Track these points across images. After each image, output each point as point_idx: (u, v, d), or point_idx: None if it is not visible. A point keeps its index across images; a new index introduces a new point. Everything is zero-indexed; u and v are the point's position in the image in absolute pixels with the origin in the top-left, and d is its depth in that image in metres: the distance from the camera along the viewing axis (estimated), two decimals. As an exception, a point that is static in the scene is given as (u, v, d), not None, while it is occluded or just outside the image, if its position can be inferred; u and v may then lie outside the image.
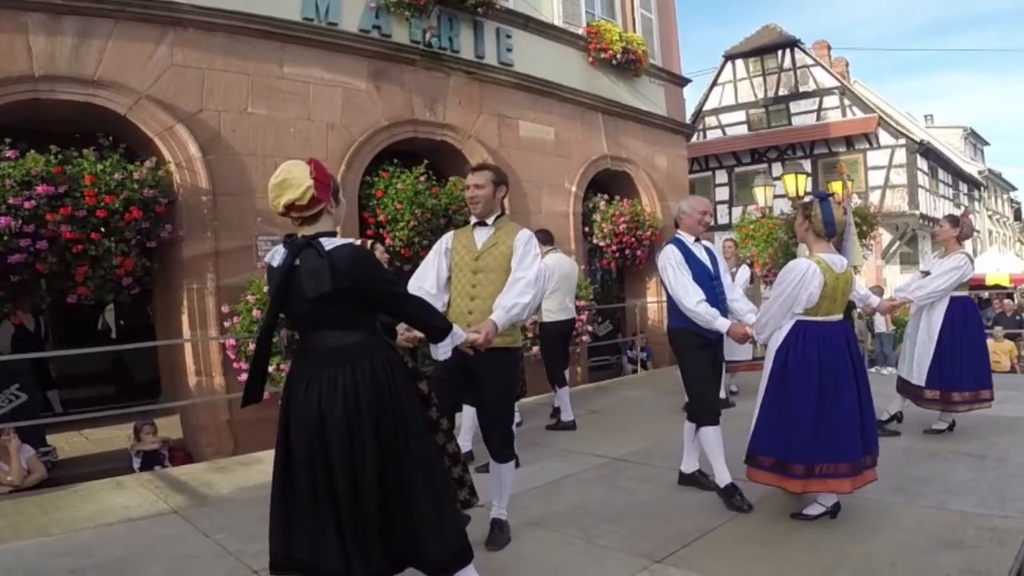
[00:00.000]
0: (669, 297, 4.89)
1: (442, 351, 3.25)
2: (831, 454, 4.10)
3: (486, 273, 4.03)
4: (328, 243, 2.86)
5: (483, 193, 4.08)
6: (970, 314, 6.32)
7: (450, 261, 4.20)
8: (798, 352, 4.23)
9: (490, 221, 4.14)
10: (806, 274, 4.18)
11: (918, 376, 6.24)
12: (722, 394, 7.61)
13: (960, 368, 6.07)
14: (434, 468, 3.04)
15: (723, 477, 4.70)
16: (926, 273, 6.53)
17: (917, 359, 6.29)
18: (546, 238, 7.49)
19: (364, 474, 2.82)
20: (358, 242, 3.34)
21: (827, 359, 4.19)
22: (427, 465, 2.99)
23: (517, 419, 6.19)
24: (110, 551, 4.32)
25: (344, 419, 2.80)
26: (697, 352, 4.81)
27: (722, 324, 4.62)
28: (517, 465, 4.53)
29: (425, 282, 4.17)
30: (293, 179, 2.86)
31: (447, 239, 4.27)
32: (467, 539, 3.10)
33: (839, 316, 4.36)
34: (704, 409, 4.79)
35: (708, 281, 4.78)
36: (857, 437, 4.15)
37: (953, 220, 6.48)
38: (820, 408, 4.13)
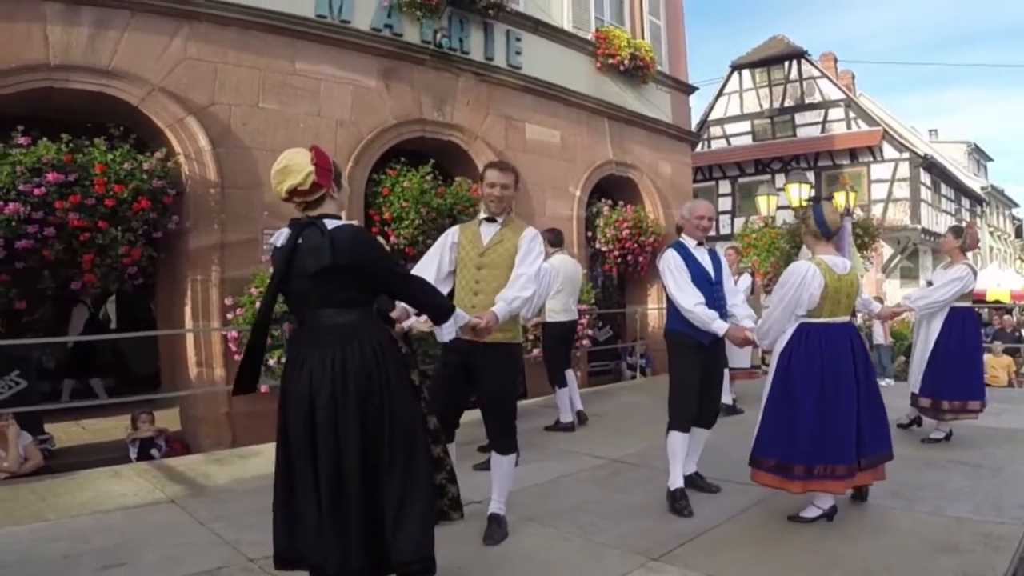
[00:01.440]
0: (669, 300, 4.91)
1: (446, 332, 3.27)
2: (828, 456, 4.13)
3: (490, 269, 4.08)
4: (331, 223, 2.94)
5: (508, 193, 4.15)
6: (968, 325, 6.38)
7: (455, 255, 4.23)
8: (801, 354, 4.27)
9: (500, 218, 4.19)
10: (806, 275, 4.24)
11: (913, 382, 6.38)
12: (728, 400, 7.67)
13: (951, 377, 6.15)
14: (416, 459, 3.01)
15: (675, 481, 4.77)
16: (929, 283, 6.59)
17: (914, 366, 6.42)
18: (556, 239, 7.49)
19: (347, 459, 2.83)
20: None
21: (830, 361, 4.21)
22: (410, 455, 2.97)
23: None
24: (105, 537, 4.32)
25: (331, 402, 2.84)
26: (688, 355, 4.81)
27: (719, 327, 4.62)
28: (516, 463, 4.53)
29: (425, 274, 4.10)
30: (295, 165, 2.93)
31: (454, 232, 4.30)
32: (433, 548, 3.06)
33: (844, 318, 4.39)
34: (678, 413, 4.81)
35: (708, 285, 4.79)
36: (853, 440, 4.18)
37: (957, 231, 6.56)
38: (821, 410, 4.16)
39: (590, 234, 12.06)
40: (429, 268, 4.21)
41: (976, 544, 3.92)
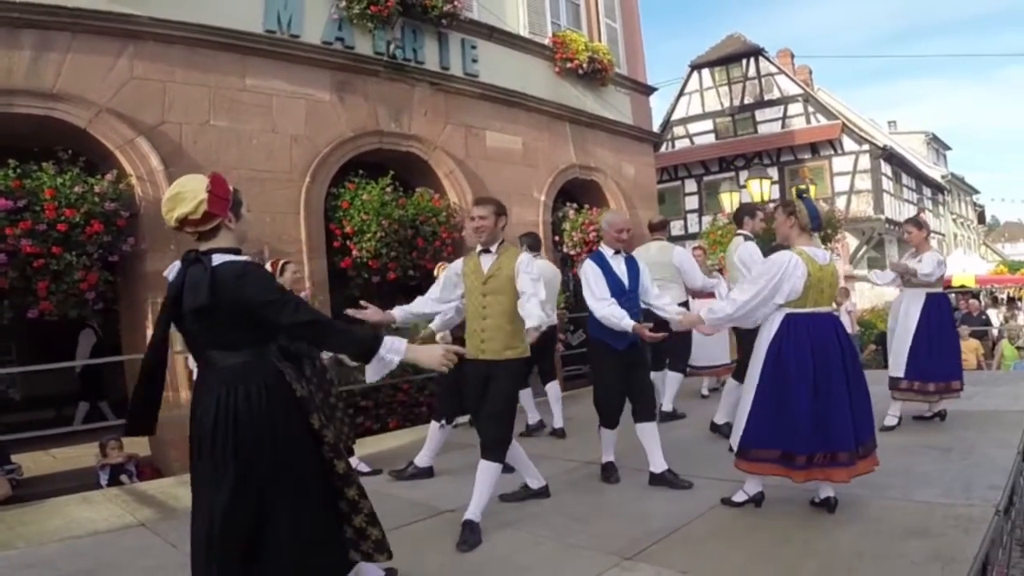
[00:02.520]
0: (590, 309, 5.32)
1: (371, 372, 2.85)
2: (828, 443, 4.14)
3: (494, 295, 4.50)
4: (218, 259, 2.73)
5: (487, 224, 4.56)
6: (944, 310, 6.58)
7: (461, 283, 4.71)
8: (790, 344, 4.27)
9: (493, 248, 4.60)
10: (787, 265, 4.25)
11: (895, 367, 6.45)
12: (668, 407, 7.61)
13: (934, 360, 6.28)
14: (304, 509, 2.81)
15: (608, 457, 5.52)
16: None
17: (895, 352, 6.51)
18: (534, 243, 7.39)
19: (218, 506, 2.66)
20: (255, 259, 3.06)
21: (819, 350, 4.23)
22: (297, 505, 2.78)
23: None
24: (76, 563, 4.29)
25: (211, 444, 2.68)
26: (608, 360, 5.26)
27: (627, 324, 4.96)
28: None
29: (431, 293, 4.81)
30: (187, 192, 2.74)
31: (459, 264, 4.80)
32: None
33: (828, 308, 4.43)
34: (604, 413, 5.38)
35: (621, 293, 5.17)
36: (850, 426, 4.19)
37: (917, 223, 6.77)
38: (815, 398, 4.18)
39: (557, 238, 12.06)
40: (436, 288, 4.83)
41: (947, 527, 3.91)
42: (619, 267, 5.29)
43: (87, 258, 6.47)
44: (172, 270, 2.86)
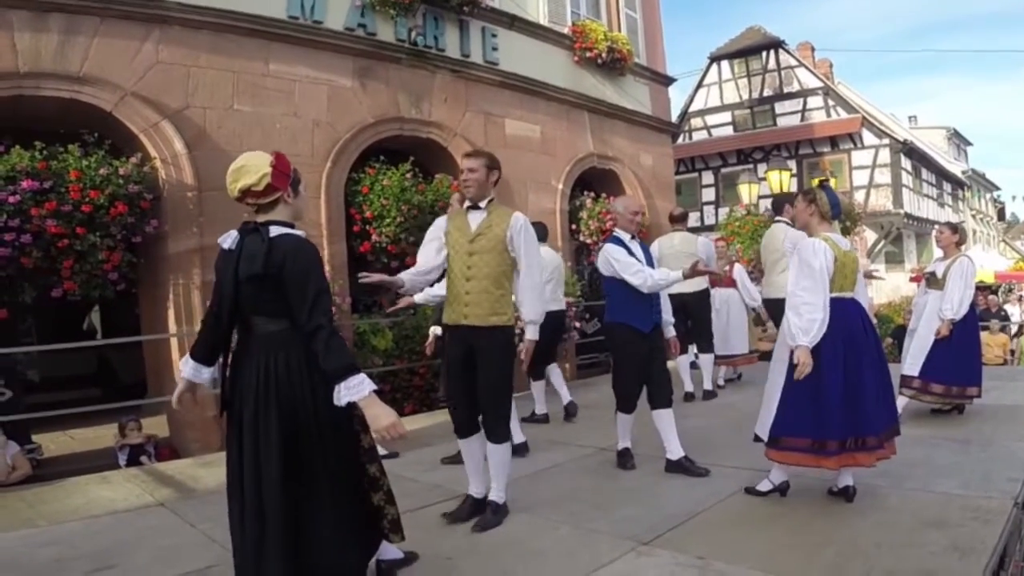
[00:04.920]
0: (609, 293, 5.35)
1: (337, 396, 2.77)
2: (859, 428, 4.15)
3: (480, 255, 4.19)
4: (275, 230, 2.89)
5: (476, 176, 4.25)
6: (968, 313, 6.48)
7: (444, 244, 4.35)
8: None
9: (483, 205, 4.30)
10: (818, 248, 4.25)
11: (911, 366, 6.44)
12: (708, 385, 7.84)
13: (952, 364, 6.27)
14: (340, 474, 2.95)
15: (624, 443, 5.49)
16: (932, 274, 6.65)
17: (912, 351, 6.51)
18: (541, 233, 7.47)
19: (268, 467, 2.78)
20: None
21: (847, 335, 4.24)
22: (334, 469, 2.92)
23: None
24: (96, 541, 4.32)
25: (254, 408, 2.81)
26: (632, 344, 5.19)
27: (676, 276, 5.11)
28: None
29: (425, 258, 4.36)
30: (251, 165, 2.90)
31: (442, 221, 4.45)
32: (363, 565, 3.07)
33: (852, 293, 4.42)
34: (623, 397, 5.33)
35: None
36: (879, 410, 4.22)
37: (954, 227, 6.78)
38: (847, 383, 4.18)
39: (574, 227, 12.07)
40: (429, 252, 4.37)
41: (965, 519, 3.92)
42: (637, 250, 5.29)
43: (111, 239, 6.54)
44: (228, 238, 2.98)
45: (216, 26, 7.67)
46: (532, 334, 4.38)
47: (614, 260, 5.15)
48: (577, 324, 10.73)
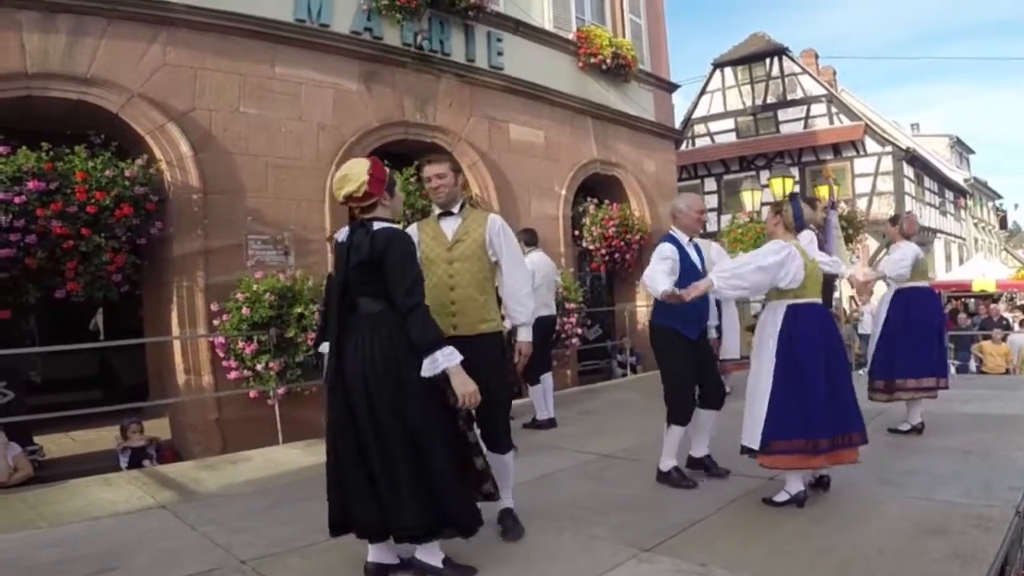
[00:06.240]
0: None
1: (424, 368, 3.27)
2: (845, 425, 4.33)
3: (462, 262, 4.03)
4: (377, 225, 3.37)
5: (446, 182, 4.05)
6: (912, 304, 6.35)
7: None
8: (800, 333, 4.37)
9: (456, 210, 4.13)
10: (791, 252, 4.41)
11: (866, 369, 6.51)
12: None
13: (902, 355, 6.21)
14: (435, 435, 3.33)
15: (666, 464, 5.06)
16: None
17: (868, 353, 6.59)
18: (531, 238, 7.56)
19: (388, 427, 3.24)
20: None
21: (825, 337, 4.42)
22: (431, 432, 3.31)
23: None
24: (97, 543, 4.32)
25: (362, 377, 3.25)
26: (677, 349, 4.95)
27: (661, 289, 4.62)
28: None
29: None
30: (353, 175, 3.35)
31: (412, 231, 4.13)
32: (442, 519, 3.35)
33: (819, 300, 4.58)
34: (677, 408, 4.97)
35: (697, 277, 4.76)
36: (857, 408, 4.44)
37: (894, 219, 6.91)
38: (828, 383, 4.31)
39: (577, 233, 12.08)
40: None
41: (967, 527, 3.92)
42: (692, 253, 5.00)
43: (115, 241, 6.56)
44: (342, 233, 3.50)
45: (223, 28, 7.69)
46: (525, 336, 4.19)
47: (653, 259, 4.88)
48: (579, 331, 10.73)
